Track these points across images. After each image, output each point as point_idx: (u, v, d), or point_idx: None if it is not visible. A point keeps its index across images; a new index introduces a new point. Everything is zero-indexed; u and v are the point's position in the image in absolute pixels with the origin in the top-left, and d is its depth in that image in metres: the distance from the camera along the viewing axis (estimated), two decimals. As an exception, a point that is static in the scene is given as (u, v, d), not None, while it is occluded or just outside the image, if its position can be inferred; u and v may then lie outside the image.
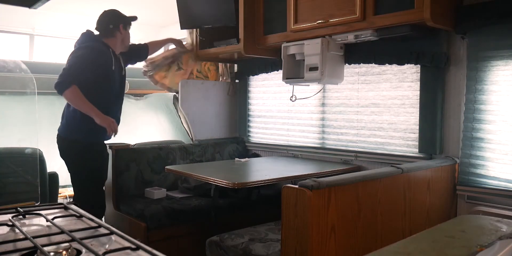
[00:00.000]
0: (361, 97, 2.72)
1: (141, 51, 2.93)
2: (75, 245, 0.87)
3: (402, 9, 2.03)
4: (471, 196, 2.18)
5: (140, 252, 0.85)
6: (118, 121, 2.62)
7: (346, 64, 2.66)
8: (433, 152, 2.33)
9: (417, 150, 2.40)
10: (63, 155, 2.57)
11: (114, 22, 2.56)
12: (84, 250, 0.85)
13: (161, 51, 3.37)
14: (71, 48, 2.57)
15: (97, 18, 2.62)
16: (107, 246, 0.91)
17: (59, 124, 2.58)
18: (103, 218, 2.81)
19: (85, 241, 0.88)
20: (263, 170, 2.66)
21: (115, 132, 2.53)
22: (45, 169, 2.81)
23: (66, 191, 3.52)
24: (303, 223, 1.54)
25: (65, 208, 1.22)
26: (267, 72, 3.25)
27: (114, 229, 0.98)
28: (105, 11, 2.60)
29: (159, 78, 3.38)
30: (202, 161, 3.24)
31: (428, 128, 2.33)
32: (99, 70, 2.46)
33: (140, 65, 3.44)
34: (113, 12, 2.60)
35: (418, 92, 2.38)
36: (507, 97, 2.04)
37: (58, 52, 4.26)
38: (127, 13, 2.64)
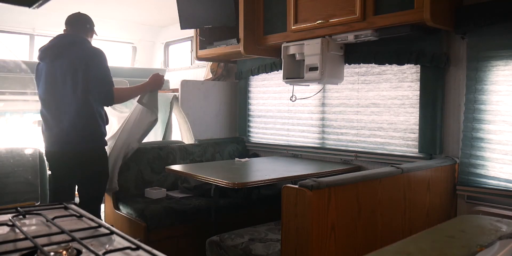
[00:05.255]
0: (361, 97, 2.72)
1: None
2: (75, 245, 0.87)
3: (402, 9, 2.03)
4: (471, 196, 2.18)
5: (140, 252, 0.85)
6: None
7: (346, 64, 2.66)
8: (433, 152, 2.33)
9: (417, 150, 2.40)
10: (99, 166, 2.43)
11: (90, 23, 2.52)
12: (84, 250, 0.85)
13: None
14: (68, 47, 2.46)
15: (72, 18, 2.51)
16: (107, 246, 0.91)
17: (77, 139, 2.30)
18: (103, 218, 2.81)
19: (85, 241, 0.88)
20: (263, 170, 2.66)
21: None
22: (45, 169, 2.82)
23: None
24: (303, 223, 1.54)
25: (65, 208, 1.22)
26: (267, 72, 3.25)
27: (114, 229, 0.98)
28: (79, 12, 2.53)
29: None
30: (202, 161, 3.24)
31: (428, 128, 2.33)
32: None
33: (139, 65, 3.46)
34: (85, 14, 2.55)
35: (418, 92, 2.38)
36: (507, 97, 2.04)
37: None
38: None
